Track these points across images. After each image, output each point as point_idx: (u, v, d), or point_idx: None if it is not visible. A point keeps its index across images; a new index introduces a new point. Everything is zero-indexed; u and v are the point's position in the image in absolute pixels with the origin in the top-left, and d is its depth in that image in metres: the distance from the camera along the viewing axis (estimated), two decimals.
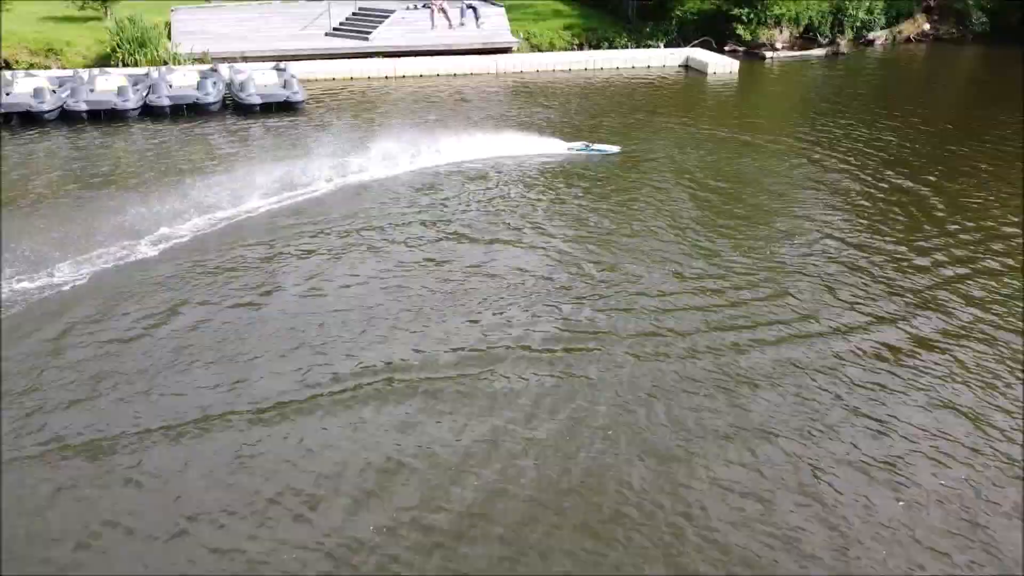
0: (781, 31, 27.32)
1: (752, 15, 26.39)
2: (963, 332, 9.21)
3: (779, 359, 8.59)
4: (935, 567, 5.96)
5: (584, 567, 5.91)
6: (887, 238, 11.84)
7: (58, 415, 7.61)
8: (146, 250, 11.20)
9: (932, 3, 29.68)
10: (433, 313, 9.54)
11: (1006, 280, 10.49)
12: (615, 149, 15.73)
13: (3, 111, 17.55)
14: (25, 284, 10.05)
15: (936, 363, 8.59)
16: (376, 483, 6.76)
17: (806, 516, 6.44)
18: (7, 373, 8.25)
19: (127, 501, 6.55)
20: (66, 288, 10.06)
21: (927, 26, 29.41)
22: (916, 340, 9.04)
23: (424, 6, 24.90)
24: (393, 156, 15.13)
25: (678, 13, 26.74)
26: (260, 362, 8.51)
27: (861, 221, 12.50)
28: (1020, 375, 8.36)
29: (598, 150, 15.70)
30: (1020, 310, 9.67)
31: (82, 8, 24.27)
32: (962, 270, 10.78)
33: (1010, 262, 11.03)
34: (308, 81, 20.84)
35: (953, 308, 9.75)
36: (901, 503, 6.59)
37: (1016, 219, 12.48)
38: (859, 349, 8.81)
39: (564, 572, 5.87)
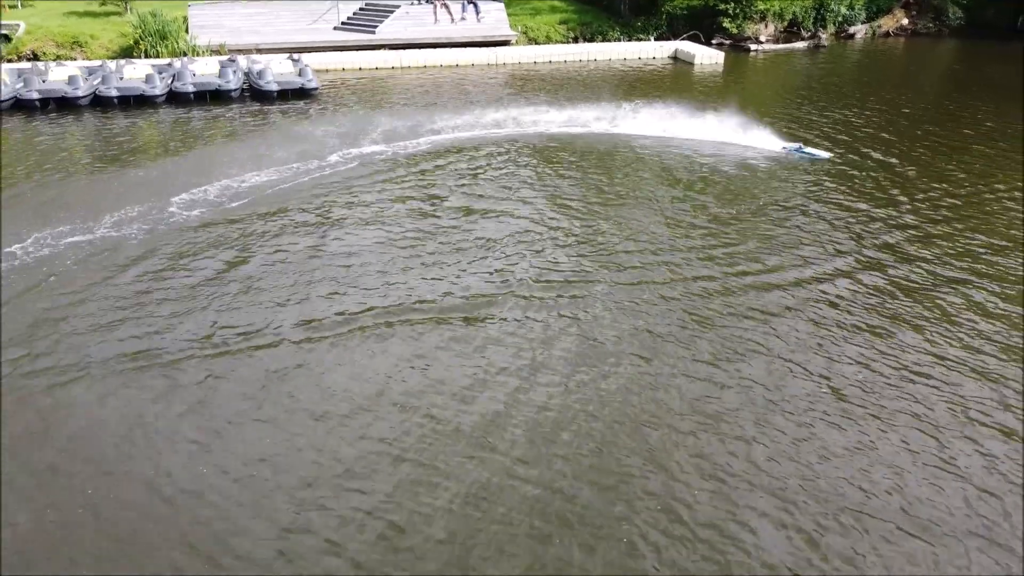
0: (766, 25, 29.17)
1: (738, 10, 28.23)
2: (936, 277, 10.91)
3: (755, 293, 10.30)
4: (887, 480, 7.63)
5: (580, 455, 7.53)
6: (854, 197, 13.57)
7: (132, 331, 9.26)
8: (203, 206, 12.93)
9: None
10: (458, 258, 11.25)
11: (969, 230, 12.22)
12: (826, 155, 15.27)
13: (41, 97, 19.23)
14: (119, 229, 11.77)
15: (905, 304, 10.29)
16: (407, 393, 8.40)
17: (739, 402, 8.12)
18: (96, 300, 9.91)
19: (191, 402, 8.18)
20: (131, 240, 11.74)
21: (905, 21, 31.29)
22: (888, 284, 10.74)
23: (427, 1, 26.67)
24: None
25: (668, 8, 28.56)
26: (298, 296, 10.16)
27: (834, 184, 14.21)
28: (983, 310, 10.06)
29: (808, 153, 15.36)
30: (985, 257, 11.38)
31: (103, 4, 25.98)
32: (930, 224, 12.50)
33: (973, 216, 12.76)
34: (319, 72, 22.51)
35: (922, 254, 11.47)
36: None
37: (980, 182, 14.23)
38: (817, 292, 10.51)
39: (570, 453, 7.51)
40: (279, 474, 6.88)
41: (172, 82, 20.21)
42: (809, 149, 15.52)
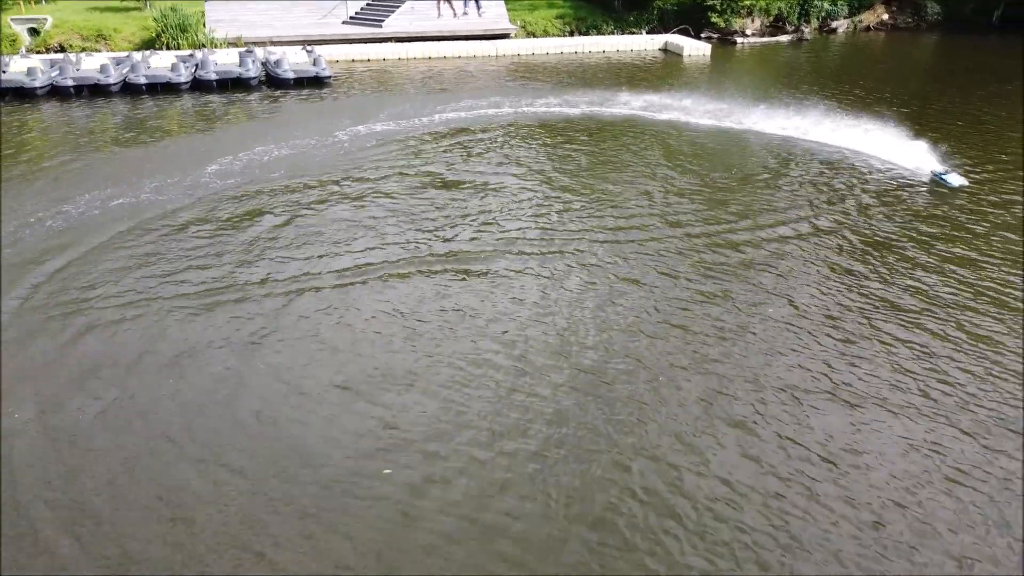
0: (753, 20, 31.05)
1: (725, 5, 30.11)
2: (907, 233, 12.70)
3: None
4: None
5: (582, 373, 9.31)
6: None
7: (184, 275, 11.03)
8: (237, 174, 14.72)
9: None
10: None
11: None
12: (962, 182, 13.97)
13: (75, 84, 21.04)
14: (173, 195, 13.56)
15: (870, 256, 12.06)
16: (432, 326, 10.17)
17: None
18: (159, 253, 11.69)
19: (236, 330, 9.94)
20: (175, 204, 13.54)
21: (886, 16, 33.18)
22: (862, 244, 12.52)
23: None
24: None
25: (659, 3, 30.45)
26: (329, 247, 11.93)
27: (809, 160, 16.02)
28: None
29: (944, 179, 14.08)
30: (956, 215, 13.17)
31: (123, 0, 27.79)
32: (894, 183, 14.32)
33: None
34: (330, 62, 24.30)
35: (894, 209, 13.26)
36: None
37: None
38: (790, 244, 12.29)
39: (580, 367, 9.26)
40: (337, 373, 8.65)
41: (196, 71, 22.03)
42: (951, 176, 14.04)
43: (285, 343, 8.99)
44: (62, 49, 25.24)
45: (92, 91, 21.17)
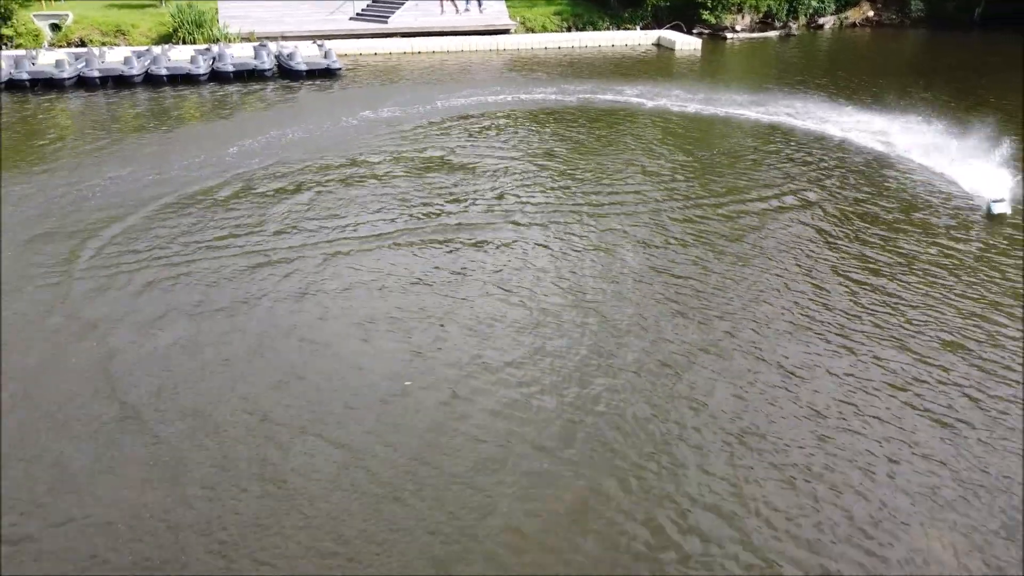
0: (743, 16, 32.65)
1: (716, 2, 31.68)
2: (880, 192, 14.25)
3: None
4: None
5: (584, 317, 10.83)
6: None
7: (228, 240, 12.53)
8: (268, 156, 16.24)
9: None
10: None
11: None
12: (1005, 211, 13.19)
13: (101, 75, 22.51)
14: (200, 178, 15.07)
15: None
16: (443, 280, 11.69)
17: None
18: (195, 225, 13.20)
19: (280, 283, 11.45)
20: (204, 179, 15.06)
21: (871, 13, 34.81)
22: (846, 207, 14.07)
23: None
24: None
25: (653, 0, 32.01)
26: (354, 217, 13.44)
27: (790, 139, 17.60)
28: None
29: (996, 205, 13.24)
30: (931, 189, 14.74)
31: None
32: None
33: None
34: (338, 56, 25.83)
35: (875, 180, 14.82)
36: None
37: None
38: (773, 215, 13.83)
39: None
40: (360, 307, 10.17)
41: (214, 63, 23.52)
42: (998, 205, 13.27)
43: (324, 292, 10.49)
44: (82, 44, 26.70)
45: (116, 82, 22.64)
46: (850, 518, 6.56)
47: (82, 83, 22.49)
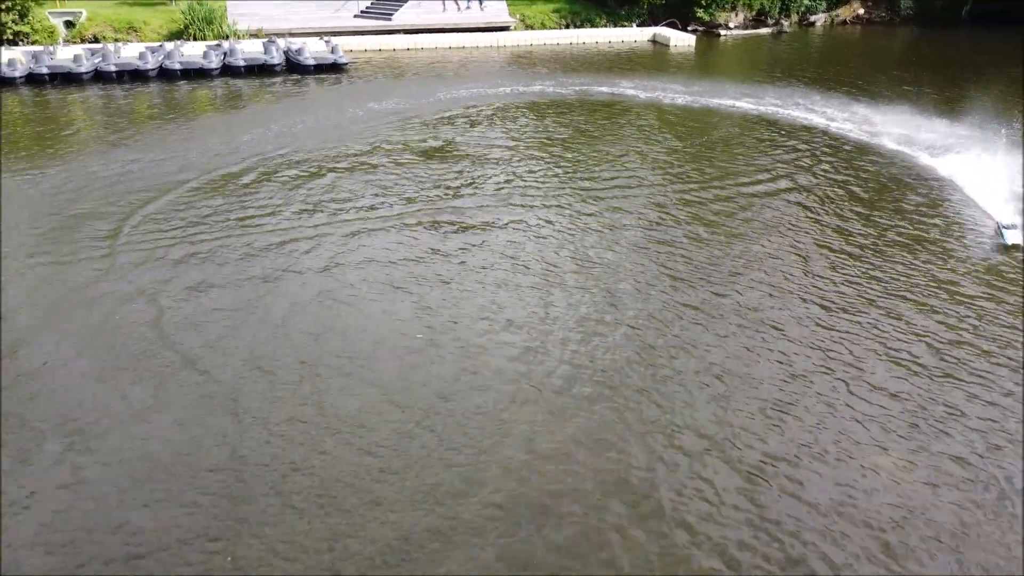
0: (736, 13, 33.83)
1: (711, 0, 32.86)
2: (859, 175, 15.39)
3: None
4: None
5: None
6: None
7: (255, 220, 13.62)
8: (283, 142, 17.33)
9: None
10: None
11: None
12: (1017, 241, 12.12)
13: (117, 70, 23.59)
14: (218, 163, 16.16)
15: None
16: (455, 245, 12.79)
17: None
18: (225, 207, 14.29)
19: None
20: (226, 164, 16.14)
21: (861, 10, 36.03)
22: (824, 186, 15.20)
23: None
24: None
25: None
26: (371, 199, 14.54)
27: (777, 126, 18.74)
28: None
29: (1004, 232, 12.33)
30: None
31: None
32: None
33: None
34: (344, 52, 26.94)
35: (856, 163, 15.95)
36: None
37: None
38: (756, 194, 14.96)
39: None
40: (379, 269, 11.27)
41: (225, 58, 24.62)
42: (1009, 231, 12.32)
43: (347, 263, 11.58)
44: (96, 40, 27.77)
45: (132, 76, 23.72)
46: (815, 439, 7.68)
47: (99, 77, 23.57)
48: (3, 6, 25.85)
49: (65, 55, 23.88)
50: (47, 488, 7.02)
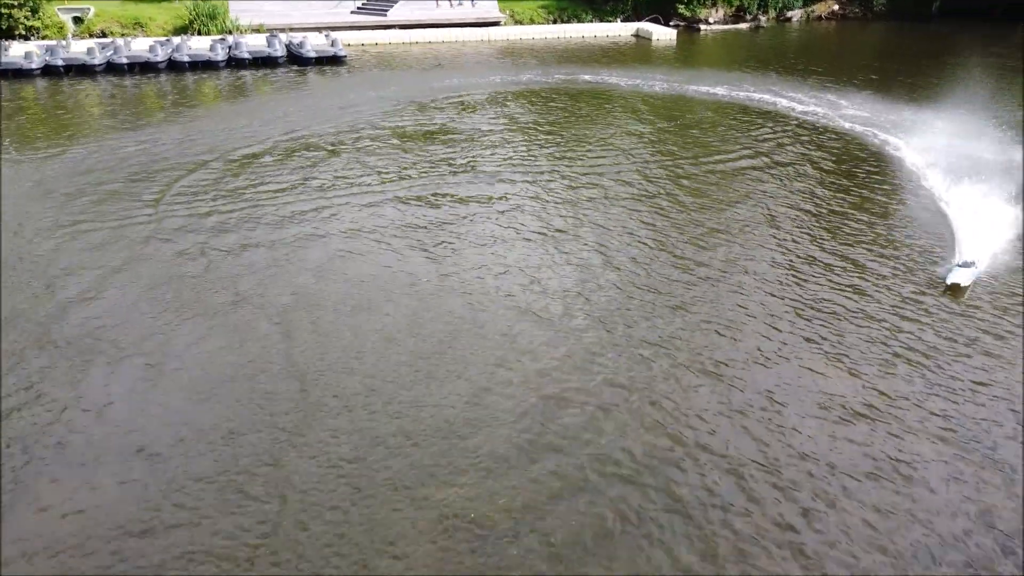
0: (717, 9, 35.77)
1: None
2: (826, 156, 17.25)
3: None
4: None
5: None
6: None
7: (280, 196, 15.32)
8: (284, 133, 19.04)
9: None
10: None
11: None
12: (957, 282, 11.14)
13: (129, 62, 25.19)
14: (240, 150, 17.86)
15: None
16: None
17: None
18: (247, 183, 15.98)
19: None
20: (256, 148, 17.84)
21: (836, 7, 38.07)
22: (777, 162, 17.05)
23: None
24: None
25: None
26: (376, 174, 16.26)
27: (750, 117, 20.62)
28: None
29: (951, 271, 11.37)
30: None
31: None
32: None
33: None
34: (343, 45, 28.67)
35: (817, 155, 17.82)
36: None
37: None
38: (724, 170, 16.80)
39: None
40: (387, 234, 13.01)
41: (231, 51, 26.26)
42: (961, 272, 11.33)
43: (364, 228, 13.33)
44: (103, 35, 29.30)
45: (143, 68, 25.33)
46: (758, 348, 9.52)
47: (111, 69, 25.14)
48: (16, 2, 27.39)
49: (79, 48, 25.45)
50: (130, 391, 8.74)
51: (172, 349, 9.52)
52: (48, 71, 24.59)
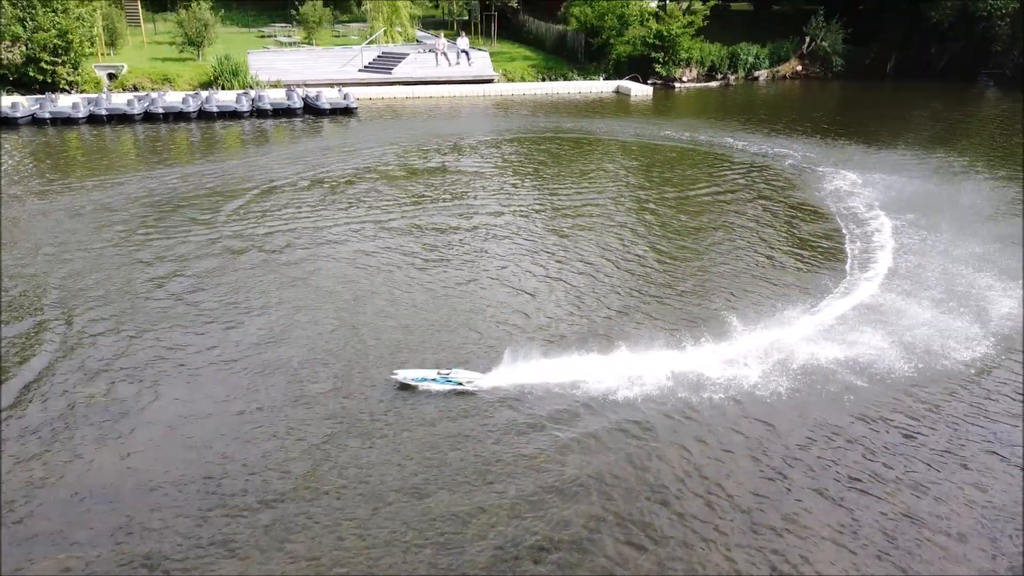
0: (690, 69, 39.98)
1: (667, 57, 39.00)
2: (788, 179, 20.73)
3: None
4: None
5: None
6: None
7: (314, 213, 18.62)
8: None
9: (804, 51, 42.78)
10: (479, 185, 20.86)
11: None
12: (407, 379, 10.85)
13: (164, 111, 28.79)
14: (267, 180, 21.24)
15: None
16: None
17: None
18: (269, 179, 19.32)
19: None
20: (285, 180, 21.23)
21: (799, 67, 42.42)
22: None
23: (430, 51, 37.05)
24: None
25: (614, 56, 39.30)
26: (391, 200, 19.60)
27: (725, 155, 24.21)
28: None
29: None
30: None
31: (181, 51, 35.88)
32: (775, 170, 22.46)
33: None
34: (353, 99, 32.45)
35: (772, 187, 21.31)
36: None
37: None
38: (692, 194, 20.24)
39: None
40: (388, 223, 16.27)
41: (254, 103, 29.93)
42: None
43: (381, 239, 16.61)
44: (135, 89, 32.99)
45: (176, 117, 28.92)
46: (699, 305, 12.73)
47: (148, 118, 28.70)
48: (60, 60, 31.11)
49: (119, 99, 29.05)
50: (218, 345, 11.85)
51: (247, 313, 12.65)
52: (92, 119, 28.12)
